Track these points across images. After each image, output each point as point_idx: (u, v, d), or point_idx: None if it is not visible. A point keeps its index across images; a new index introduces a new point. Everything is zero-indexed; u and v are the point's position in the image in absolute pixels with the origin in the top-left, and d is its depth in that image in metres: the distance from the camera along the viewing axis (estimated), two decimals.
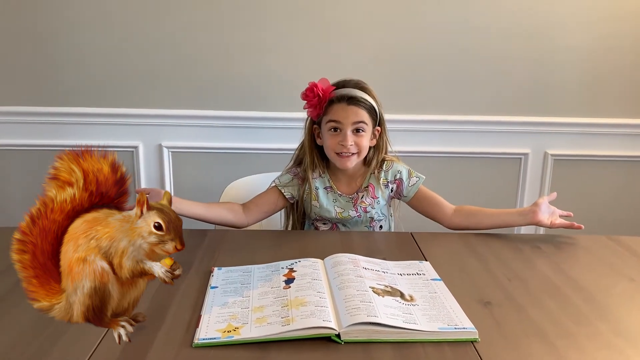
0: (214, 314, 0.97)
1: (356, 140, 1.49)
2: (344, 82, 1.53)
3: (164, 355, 0.86)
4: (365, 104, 1.50)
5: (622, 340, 0.94)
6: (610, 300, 1.09)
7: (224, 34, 2.12)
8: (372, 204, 1.56)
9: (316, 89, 1.48)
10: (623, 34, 2.18)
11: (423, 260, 1.24)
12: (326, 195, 1.57)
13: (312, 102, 1.49)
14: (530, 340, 0.93)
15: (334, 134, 1.50)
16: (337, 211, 1.57)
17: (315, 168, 1.57)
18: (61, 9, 2.07)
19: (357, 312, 0.94)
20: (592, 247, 1.39)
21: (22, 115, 2.15)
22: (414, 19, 2.14)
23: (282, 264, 1.17)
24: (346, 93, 1.49)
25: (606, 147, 2.30)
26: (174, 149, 2.23)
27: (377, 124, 1.55)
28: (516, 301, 1.07)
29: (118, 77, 2.14)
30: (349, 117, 1.48)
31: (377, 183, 1.57)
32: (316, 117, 1.53)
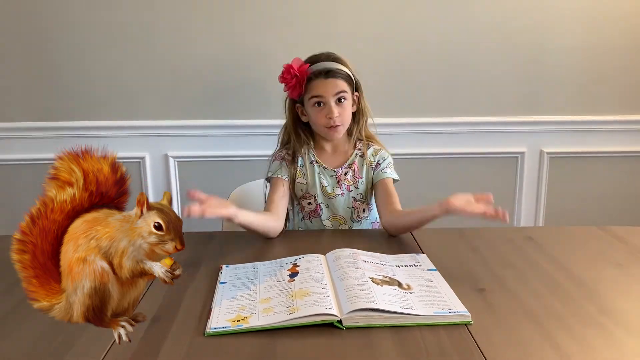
0: (224, 306, 1.04)
1: (340, 111, 1.54)
2: (315, 57, 1.58)
3: (178, 343, 0.92)
4: (342, 73, 1.56)
5: (607, 319, 1.00)
6: (598, 284, 1.15)
7: (226, 44, 2.19)
8: (357, 183, 1.62)
9: (292, 70, 1.54)
10: (615, 32, 2.24)
11: (420, 253, 1.31)
12: (312, 169, 1.62)
13: (291, 83, 1.55)
14: (521, 322, 0.99)
15: (318, 109, 1.55)
16: (323, 185, 1.62)
17: (303, 144, 1.62)
18: (67, 24, 2.15)
19: (357, 300, 1.00)
20: (583, 237, 1.45)
21: (32, 131, 2.22)
22: (408, 22, 2.20)
23: (287, 259, 1.24)
24: (322, 67, 1.55)
25: (601, 144, 2.35)
26: (179, 159, 2.30)
27: (355, 89, 1.61)
28: (508, 287, 1.13)
29: (123, 90, 2.22)
30: (328, 89, 1.53)
31: (362, 164, 1.63)
32: (298, 97, 1.59)
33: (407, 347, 0.91)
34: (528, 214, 2.42)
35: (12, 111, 2.23)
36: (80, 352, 0.90)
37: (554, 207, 2.42)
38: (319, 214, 1.63)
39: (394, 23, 2.20)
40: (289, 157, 1.63)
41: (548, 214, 2.42)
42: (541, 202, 2.40)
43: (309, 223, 1.64)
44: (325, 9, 2.18)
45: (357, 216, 1.64)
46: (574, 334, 0.95)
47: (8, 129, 2.23)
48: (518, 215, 2.42)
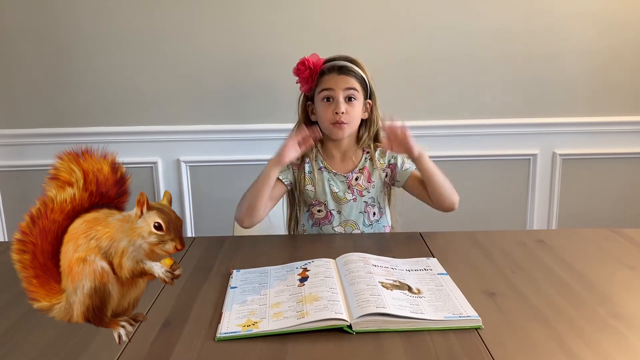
0: (234, 311, 1.04)
1: (348, 109, 1.53)
2: (333, 57, 1.59)
3: (189, 348, 0.93)
4: (356, 73, 1.56)
5: (620, 322, 0.99)
6: (610, 287, 1.14)
7: (238, 49, 2.21)
8: (368, 187, 1.61)
9: (307, 62, 1.55)
10: (627, 34, 2.23)
11: (430, 257, 1.31)
12: (321, 175, 1.61)
13: (304, 75, 1.56)
14: (533, 326, 0.98)
15: (327, 104, 1.55)
16: (333, 191, 1.60)
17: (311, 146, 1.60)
18: (80, 32, 2.18)
19: (367, 304, 1.00)
20: (594, 239, 1.43)
21: (45, 137, 2.25)
22: (420, 26, 2.21)
23: (297, 264, 1.24)
24: (336, 63, 1.56)
25: (614, 145, 2.34)
26: (191, 164, 2.32)
27: (369, 97, 1.60)
28: (519, 291, 1.13)
29: (135, 96, 2.25)
30: (339, 84, 1.53)
31: (373, 167, 1.62)
32: (308, 91, 1.59)
33: (418, 351, 0.91)
34: (541, 217, 2.41)
35: (26, 118, 2.26)
36: (91, 358, 0.91)
37: (567, 209, 2.40)
38: (330, 220, 1.63)
39: (406, 27, 2.21)
40: (297, 160, 1.62)
41: (561, 216, 2.41)
42: (554, 204, 2.39)
43: (319, 230, 1.64)
44: (337, 13, 2.19)
45: (369, 220, 1.64)
46: (586, 338, 0.94)
47: (22, 135, 2.26)
48: (531, 217, 2.41)
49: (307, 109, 1.63)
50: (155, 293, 1.12)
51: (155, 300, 1.10)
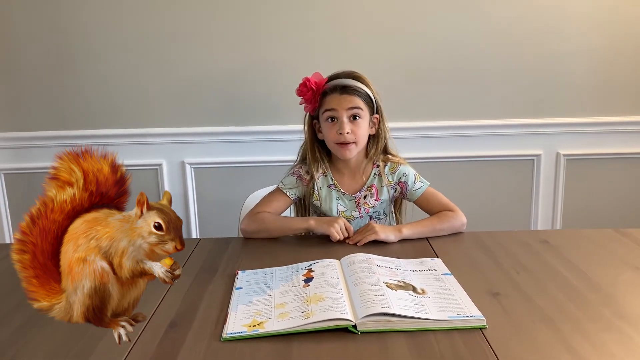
0: (240, 311, 1.05)
1: (353, 129, 1.50)
2: (336, 74, 1.56)
3: (195, 348, 0.94)
4: (360, 92, 1.52)
5: (625, 323, 0.99)
6: (615, 287, 1.14)
7: (242, 51, 2.21)
8: (376, 205, 1.60)
9: (309, 83, 1.52)
10: (630, 33, 2.23)
11: (435, 258, 1.31)
12: (329, 193, 1.60)
13: (307, 96, 1.53)
14: (537, 326, 0.99)
15: (331, 124, 1.52)
16: (341, 210, 1.59)
17: (318, 165, 1.59)
18: (85, 35, 2.19)
19: (372, 305, 1.01)
20: (599, 240, 1.43)
21: (51, 139, 2.26)
22: (423, 26, 2.21)
23: (302, 265, 1.25)
24: (339, 83, 1.53)
25: (618, 145, 2.33)
26: (196, 165, 2.33)
27: (375, 112, 1.58)
28: (524, 291, 1.13)
29: (140, 99, 2.26)
30: (342, 104, 1.50)
31: (381, 185, 1.59)
32: (313, 112, 1.57)
33: (422, 351, 0.91)
34: (545, 217, 2.41)
35: (32, 121, 2.28)
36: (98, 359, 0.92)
37: (571, 210, 2.40)
38: None
39: (409, 28, 2.21)
40: (307, 175, 1.61)
41: (565, 216, 2.40)
42: (558, 204, 2.39)
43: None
44: (339, 15, 2.20)
45: None
46: (591, 339, 0.94)
47: (28, 138, 2.28)
48: (535, 218, 2.41)
49: (314, 127, 1.61)
50: (161, 294, 1.13)
51: (161, 301, 1.11)
